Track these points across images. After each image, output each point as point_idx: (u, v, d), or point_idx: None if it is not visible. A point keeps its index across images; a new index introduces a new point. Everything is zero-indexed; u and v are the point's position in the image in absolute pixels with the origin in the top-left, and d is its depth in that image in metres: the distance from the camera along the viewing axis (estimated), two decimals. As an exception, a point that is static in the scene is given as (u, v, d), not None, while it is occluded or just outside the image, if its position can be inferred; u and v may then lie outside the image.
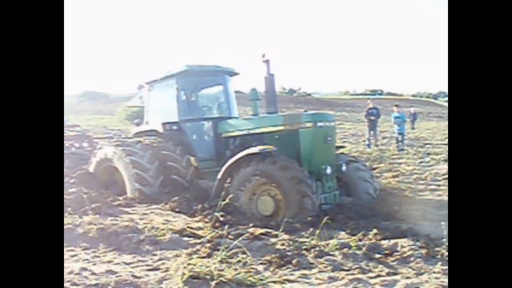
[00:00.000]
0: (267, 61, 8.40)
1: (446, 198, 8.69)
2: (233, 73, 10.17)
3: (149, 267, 4.77)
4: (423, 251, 5.13)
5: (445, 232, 5.27)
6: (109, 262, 4.87)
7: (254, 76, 9.46)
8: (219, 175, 7.56)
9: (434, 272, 4.60)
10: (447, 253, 5.01)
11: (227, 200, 6.32)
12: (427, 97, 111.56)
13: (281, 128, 8.00)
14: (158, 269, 4.70)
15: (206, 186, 8.37)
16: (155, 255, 5.15)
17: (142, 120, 10.49)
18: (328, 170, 7.57)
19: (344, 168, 8.15)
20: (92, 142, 13.24)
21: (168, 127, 9.12)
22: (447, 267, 4.70)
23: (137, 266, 4.78)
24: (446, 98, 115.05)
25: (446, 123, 43.78)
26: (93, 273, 4.36)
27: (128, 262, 4.88)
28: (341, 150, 9.59)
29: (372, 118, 18.96)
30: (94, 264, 4.74)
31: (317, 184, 7.36)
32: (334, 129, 8.29)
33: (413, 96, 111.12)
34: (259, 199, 7.18)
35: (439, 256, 4.98)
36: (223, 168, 7.56)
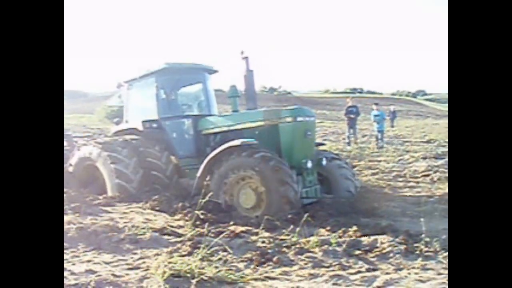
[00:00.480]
0: (246, 58, 8.41)
1: (425, 194, 8.79)
2: (212, 71, 10.15)
3: (130, 266, 4.73)
4: (402, 247, 5.18)
5: (424, 228, 5.34)
6: (89, 261, 4.82)
7: (234, 74, 9.47)
8: (199, 172, 7.55)
9: (413, 268, 4.64)
10: (425, 249, 5.09)
11: (207, 198, 6.32)
12: (406, 95, 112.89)
13: (261, 123, 8.03)
14: (138, 268, 4.66)
15: (187, 184, 8.35)
16: (135, 254, 5.12)
17: (122, 119, 10.41)
18: (309, 164, 7.63)
19: (324, 162, 8.20)
20: (72, 141, 13.08)
21: (148, 125, 9.06)
22: (426, 262, 4.78)
23: (117, 265, 4.74)
24: (425, 97, 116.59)
25: (425, 121, 44.38)
26: (73, 273, 4.31)
27: (108, 261, 4.84)
28: (323, 148, 9.66)
29: (352, 116, 19.07)
30: (74, 264, 4.67)
31: (298, 178, 7.37)
32: (314, 124, 8.33)
33: (393, 94, 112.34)
34: (240, 193, 7.17)
35: (417, 252, 5.02)
36: (204, 163, 7.55)
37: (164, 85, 9.44)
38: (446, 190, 8.86)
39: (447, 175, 10.79)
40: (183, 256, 4.86)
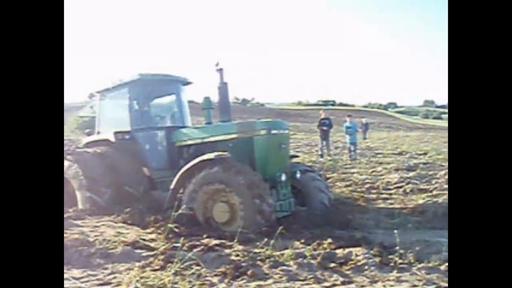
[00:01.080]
0: (220, 70, 8.39)
1: (398, 206, 8.86)
2: (186, 82, 10.07)
3: (100, 282, 4.62)
4: (377, 259, 5.17)
5: (398, 240, 5.36)
6: (57, 276, 4.68)
7: (208, 86, 9.42)
8: (173, 184, 7.46)
9: (388, 280, 4.63)
10: (400, 261, 5.09)
11: (180, 211, 6.23)
12: (378, 108, 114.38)
13: (235, 136, 7.98)
14: (109, 284, 4.57)
15: (159, 196, 8.24)
16: (106, 268, 5.00)
17: (93, 129, 10.25)
18: (283, 177, 7.60)
19: (298, 175, 8.21)
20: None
21: (121, 136, 8.91)
22: (400, 274, 4.79)
23: (88, 281, 4.62)
24: (396, 109, 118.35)
25: (397, 133, 44.96)
26: (40, 290, 4.18)
27: (78, 277, 4.71)
28: (296, 160, 9.65)
29: (325, 128, 19.15)
30: (41, 280, 4.54)
31: (272, 191, 7.33)
32: (288, 137, 8.34)
33: (365, 106, 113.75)
34: (214, 207, 7.08)
35: (392, 264, 5.02)
36: (177, 176, 7.46)
37: (137, 96, 9.33)
38: (419, 202, 8.97)
39: (419, 186, 10.93)
40: (155, 270, 4.77)
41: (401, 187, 10.98)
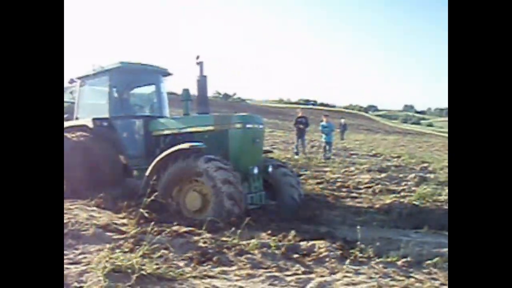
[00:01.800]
0: (200, 63, 8.54)
1: (365, 205, 9.10)
2: (166, 73, 10.19)
3: (70, 261, 4.77)
4: (338, 252, 5.44)
5: (359, 236, 5.62)
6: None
7: (187, 78, 9.54)
8: (147, 172, 7.60)
9: (347, 272, 4.88)
10: (360, 255, 5.36)
11: (152, 197, 6.39)
12: (359, 110, 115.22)
13: (211, 128, 8.17)
14: (79, 263, 4.72)
15: (134, 184, 8.39)
16: (77, 249, 5.16)
17: (71, 115, 10.29)
18: (255, 170, 7.81)
19: (270, 169, 8.39)
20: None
21: (99, 123, 9.01)
22: (359, 267, 5.05)
23: (58, 259, 4.77)
24: (376, 112, 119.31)
25: (375, 136, 45.42)
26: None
27: (49, 255, 4.86)
28: (270, 155, 9.83)
29: (301, 126, 19.34)
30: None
31: (244, 184, 7.51)
32: (262, 132, 8.52)
33: (345, 108, 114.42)
34: (186, 195, 7.28)
35: (352, 258, 5.27)
36: (152, 164, 7.61)
37: (118, 84, 9.43)
38: (386, 201, 9.22)
39: (388, 187, 11.21)
40: (125, 252, 4.92)
41: (370, 187, 11.21)
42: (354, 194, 10.47)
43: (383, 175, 13.32)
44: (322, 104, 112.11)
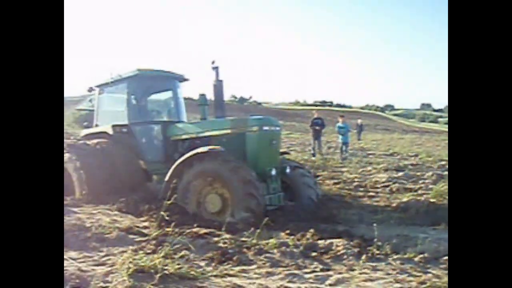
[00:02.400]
0: (216, 68, 8.71)
1: (382, 204, 9.16)
2: (183, 79, 10.37)
3: (96, 263, 4.94)
4: (356, 250, 5.53)
5: (377, 233, 5.70)
6: (55, 257, 4.99)
7: (204, 83, 9.71)
8: (167, 176, 7.73)
9: (364, 268, 4.98)
10: (377, 252, 5.44)
11: (172, 200, 6.54)
12: (375, 110, 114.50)
13: (228, 131, 8.29)
14: (104, 264, 4.87)
15: (154, 188, 8.54)
16: (101, 251, 5.33)
17: (91, 122, 10.52)
18: (273, 172, 7.92)
19: (288, 170, 8.49)
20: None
21: (118, 129, 9.23)
22: (376, 264, 5.15)
23: (84, 262, 4.94)
24: (393, 112, 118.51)
25: (392, 135, 45.14)
26: (39, 267, 4.48)
27: (75, 258, 5.03)
28: (287, 157, 9.94)
29: (317, 128, 19.40)
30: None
31: (262, 185, 7.60)
32: (279, 134, 8.63)
33: (362, 108, 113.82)
34: (206, 198, 7.40)
35: (370, 255, 5.37)
36: (172, 168, 7.74)
37: (135, 91, 9.60)
38: (403, 200, 9.26)
39: (405, 186, 11.24)
40: (147, 253, 5.07)
41: (388, 186, 11.26)
42: (371, 194, 10.52)
43: (400, 174, 13.34)
44: (338, 105, 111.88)
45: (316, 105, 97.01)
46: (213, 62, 8.74)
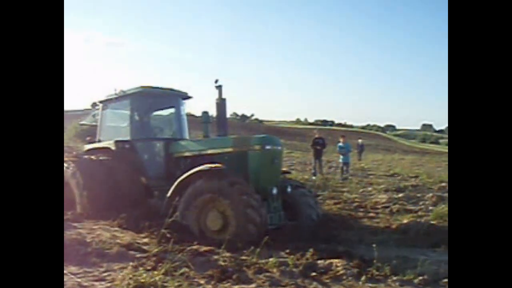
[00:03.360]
0: (219, 87, 8.80)
1: (382, 224, 9.16)
2: (186, 97, 10.44)
3: (96, 278, 4.97)
4: (355, 270, 5.54)
5: (376, 254, 5.70)
6: (55, 272, 5.01)
7: (207, 100, 9.79)
8: (169, 193, 7.78)
9: (363, 289, 5.00)
10: (377, 273, 5.45)
11: (173, 218, 6.57)
12: (376, 130, 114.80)
13: (231, 149, 8.33)
14: (104, 280, 4.91)
15: (155, 204, 8.57)
16: (101, 267, 5.36)
17: (94, 137, 10.60)
18: (274, 191, 7.96)
19: (289, 189, 8.53)
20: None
21: (121, 145, 9.29)
22: (376, 285, 5.16)
23: (84, 277, 4.97)
24: (394, 132, 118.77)
25: (393, 156, 45.12)
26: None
27: (75, 273, 5.06)
28: (288, 176, 9.96)
29: (318, 147, 19.40)
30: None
31: (264, 204, 7.60)
32: (281, 153, 8.68)
33: (363, 128, 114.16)
34: (207, 215, 7.40)
35: (369, 276, 5.38)
36: (174, 185, 7.79)
37: (139, 108, 9.68)
38: (403, 221, 9.26)
39: (406, 207, 11.24)
40: (147, 270, 5.11)
41: (388, 207, 11.26)
42: (371, 214, 10.51)
43: (400, 195, 13.32)
44: (339, 125, 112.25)
45: (317, 124, 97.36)
46: (216, 81, 8.84)
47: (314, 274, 5.48)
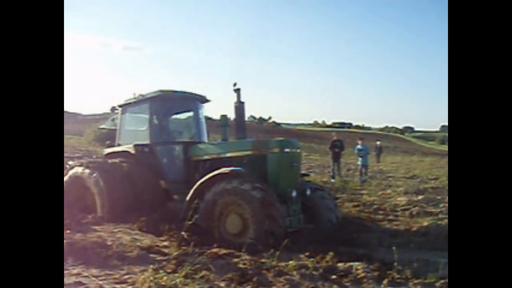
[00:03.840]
0: (238, 90, 8.82)
1: (402, 227, 9.09)
2: (204, 100, 10.47)
3: (117, 281, 5.03)
4: (376, 273, 5.52)
5: (397, 257, 5.67)
6: (78, 274, 5.09)
7: (225, 104, 9.81)
8: (189, 196, 7.81)
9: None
10: (397, 276, 5.42)
11: (193, 221, 6.60)
12: (395, 132, 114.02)
13: (250, 152, 8.35)
14: (125, 283, 4.97)
15: (174, 207, 8.61)
16: (122, 269, 5.41)
17: (113, 141, 10.67)
18: (294, 194, 7.94)
19: (308, 192, 8.50)
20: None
21: (140, 149, 9.34)
22: (395, 287, 5.12)
23: (105, 279, 5.03)
24: (413, 134, 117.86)
25: (412, 157, 44.77)
26: (62, 284, 4.56)
27: (96, 275, 5.12)
28: (307, 179, 9.94)
29: (336, 150, 19.31)
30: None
31: (283, 207, 7.61)
32: (300, 155, 8.68)
33: (381, 130, 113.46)
34: (227, 218, 7.42)
35: (390, 279, 5.34)
36: (193, 188, 7.83)
37: (157, 111, 9.72)
38: (424, 224, 9.18)
39: (425, 209, 11.14)
40: (168, 273, 5.15)
41: (407, 209, 11.17)
42: (391, 217, 10.44)
43: (420, 197, 13.21)
44: (357, 127, 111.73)
45: (335, 127, 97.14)
46: (234, 84, 8.87)
47: (334, 277, 5.47)
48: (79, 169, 9.19)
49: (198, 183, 7.80)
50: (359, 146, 19.61)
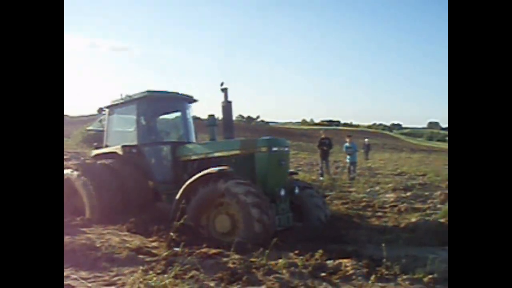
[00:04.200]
0: (225, 90, 8.84)
1: (390, 224, 9.15)
2: (192, 100, 10.46)
3: (106, 283, 5.01)
4: (365, 270, 5.56)
5: (385, 254, 5.71)
6: (66, 277, 5.05)
7: (213, 103, 9.81)
8: (178, 196, 7.80)
9: (373, 288, 5.00)
10: (386, 272, 5.46)
11: (182, 221, 6.60)
12: (383, 129, 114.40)
13: (238, 152, 8.37)
14: (114, 284, 4.95)
15: (163, 208, 8.59)
16: (112, 271, 5.38)
17: (101, 143, 10.62)
18: (282, 192, 7.96)
19: (297, 191, 8.54)
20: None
21: (128, 150, 9.30)
22: (385, 284, 5.17)
23: (94, 282, 5.01)
24: (400, 131, 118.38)
25: (400, 154, 45.00)
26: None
27: (85, 278, 5.10)
28: (295, 177, 9.97)
29: (325, 148, 19.36)
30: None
31: (272, 206, 7.61)
32: (288, 154, 8.69)
33: (369, 127, 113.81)
34: (216, 218, 7.45)
35: (379, 275, 5.38)
36: (181, 189, 7.81)
37: (145, 112, 9.68)
38: (412, 220, 9.26)
39: (414, 206, 11.23)
40: (157, 274, 5.13)
41: (396, 206, 11.25)
42: (379, 214, 10.52)
43: (408, 193, 13.34)
44: (345, 124, 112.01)
45: (323, 125, 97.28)
46: (221, 84, 8.88)
47: (323, 274, 5.51)
48: (67, 171, 9.14)
49: (186, 183, 7.79)
50: (347, 144, 19.68)
